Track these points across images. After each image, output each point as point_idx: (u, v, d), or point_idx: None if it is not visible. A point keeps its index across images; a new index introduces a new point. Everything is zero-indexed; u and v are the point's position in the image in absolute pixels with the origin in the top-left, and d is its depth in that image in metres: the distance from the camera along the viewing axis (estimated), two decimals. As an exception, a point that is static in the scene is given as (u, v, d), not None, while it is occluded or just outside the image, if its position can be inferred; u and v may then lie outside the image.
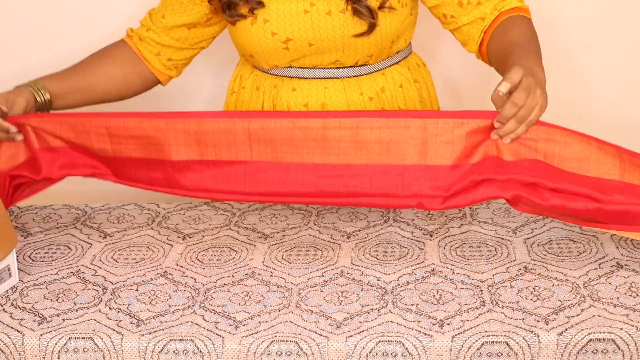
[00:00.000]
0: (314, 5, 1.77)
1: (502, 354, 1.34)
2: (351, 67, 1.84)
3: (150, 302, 1.47)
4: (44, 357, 1.38)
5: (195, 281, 1.53)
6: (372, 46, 1.81)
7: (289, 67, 1.85)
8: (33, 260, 1.62)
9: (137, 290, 1.51)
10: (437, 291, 1.47)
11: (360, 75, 1.86)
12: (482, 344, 1.34)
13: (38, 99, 1.78)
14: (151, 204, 1.83)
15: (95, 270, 1.58)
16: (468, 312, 1.41)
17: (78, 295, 1.49)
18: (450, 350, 1.34)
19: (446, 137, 1.51)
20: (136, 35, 1.92)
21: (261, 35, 1.81)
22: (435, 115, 1.53)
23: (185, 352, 1.36)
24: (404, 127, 1.52)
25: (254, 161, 1.58)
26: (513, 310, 1.41)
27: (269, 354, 1.35)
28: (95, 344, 1.37)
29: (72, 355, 1.37)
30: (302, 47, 1.81)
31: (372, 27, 1.77)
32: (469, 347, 1.34)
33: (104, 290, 1.51)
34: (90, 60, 1.90)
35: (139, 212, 1.82)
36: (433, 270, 1.54)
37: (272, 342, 1.36)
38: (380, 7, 1.77)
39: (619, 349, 1.34)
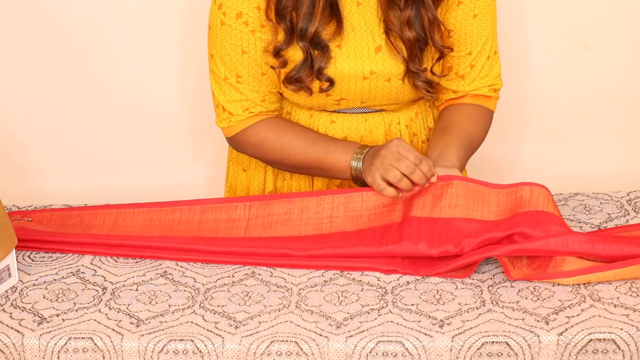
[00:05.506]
0: (374, 74, 1.75)
1: (502, 354, 1.34)
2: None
3: (150, 302, 1.47)
4: (43, 357, 1.38)
5: (195, 281, 1.53)
6: (420, 103, 1.87)
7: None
8: (33, 260, 1.62)
9: (137, 290, 1.51)
10: (437, 291, 1.47)
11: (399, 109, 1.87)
12: (482, 344, 1.34)
13: None
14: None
15: (95, 270, 1.58)
16: (468, 312, 1.41)
17: (78, 296, 1.49)
18: (450, 350, 1.34)
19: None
20: (273, 112, 1.81)
21: (314, 97, 1.78)
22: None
23: (185, 352, 1.36)
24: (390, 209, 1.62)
25: (247, 238, 1.62)
26: (513, 310, 1.41)
27: (269, 354, 1.35)
28: (95, 344, 1.37)
29: (71, 356, 1.37)
30: (353, 104, 1.80)
31: (430, 96, 1.80)
32: (469, 347, 1.34)
33: (104, 290, 1.51)
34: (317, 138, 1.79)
35: (138, 212, 1.82)
36: (433, 270, 1.54)
37: (272, 342, 1.36)
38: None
39: (619, 349, 1.34)
